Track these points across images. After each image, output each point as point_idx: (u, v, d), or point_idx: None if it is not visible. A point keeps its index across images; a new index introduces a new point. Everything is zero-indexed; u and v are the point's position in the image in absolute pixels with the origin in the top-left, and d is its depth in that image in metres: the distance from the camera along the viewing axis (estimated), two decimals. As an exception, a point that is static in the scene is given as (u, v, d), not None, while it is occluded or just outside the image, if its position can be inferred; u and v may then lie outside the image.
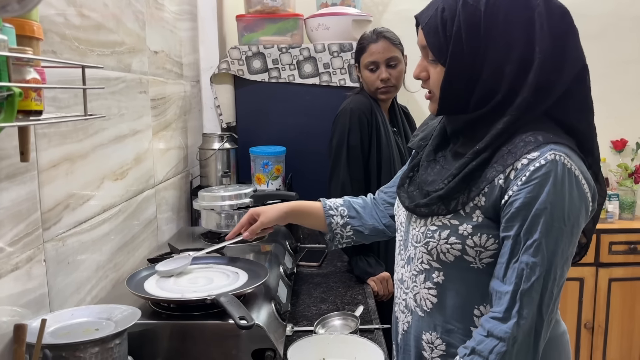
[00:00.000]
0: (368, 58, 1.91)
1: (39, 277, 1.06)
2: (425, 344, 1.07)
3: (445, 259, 1.01)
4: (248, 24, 2.34)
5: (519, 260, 0.91)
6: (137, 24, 1.60)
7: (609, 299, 2.78)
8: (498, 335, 0.91)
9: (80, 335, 0.93)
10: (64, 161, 1.16)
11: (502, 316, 0.91)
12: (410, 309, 1.10)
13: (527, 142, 0.93)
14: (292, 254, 1.83)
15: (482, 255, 0.98)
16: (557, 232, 0.89)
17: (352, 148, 1.88)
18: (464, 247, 0.98)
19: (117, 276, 1.43)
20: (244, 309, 1.07)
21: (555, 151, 0.90)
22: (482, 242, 0.97)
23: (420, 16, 1.03)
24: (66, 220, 1.17)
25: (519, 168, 0.92)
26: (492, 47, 0.94)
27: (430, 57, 1.01)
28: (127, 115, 1.51)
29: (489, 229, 0.96)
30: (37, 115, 0.80)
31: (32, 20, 0.83)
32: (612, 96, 2.97)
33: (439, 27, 0.97)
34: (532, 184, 0.90)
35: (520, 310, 0.90)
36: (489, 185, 0.95)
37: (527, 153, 0.92)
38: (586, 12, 2.90)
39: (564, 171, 0.89)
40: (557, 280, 0.91)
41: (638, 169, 2.99)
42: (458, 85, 0.98)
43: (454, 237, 0.99)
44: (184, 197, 2.10)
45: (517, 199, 0.91)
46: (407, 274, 1.11)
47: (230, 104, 2.40)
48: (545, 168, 0.89)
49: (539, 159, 0.90)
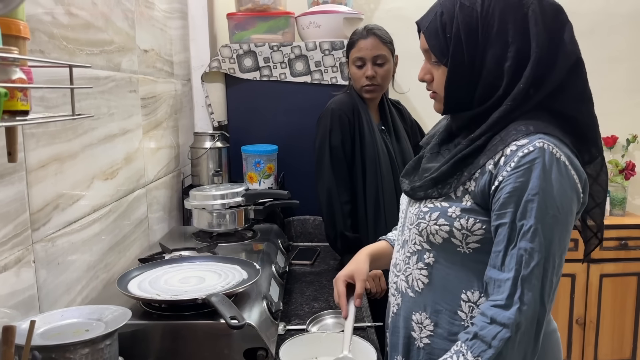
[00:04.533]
0: (356, 54, 1.91)
1: (28, 278, 1.05)
2: (415, 324, 1.09)
3: (434, 240, 1.04)
4: (239, 22, 2.33)
5: (517, 247, 0.92)
6: (126, 23, 1.59)
7: (600, 294, 2.79)
8: (501, 322, 0.91)
9: (70, 337, 0.93)
10: (52, 161, 1.15)
11: (504, 303, 0.91)
12: (401, 291, 1.13)
13: (518, 131, 0.96)
14: (284, 252, 1.83)
15: (469, 240, 1.00)
16: (552, 219, 0.91)
17: (334, 148, 1.88)
18: (451, 229, 1.01)
19: (108, 276, 1.42)
20: (235, 308, 1.07)
21: (544, 140, 0.93)
22: (469, 225, 0.99)
23: (421, 22, 1.07)
24: (56, 220, 1.16)
25: (507, 154, 0.94)
26: (490, 45, 0.99)
27: (433, 59, 1.06)
28: (116, 115, 1.50)
29: (476, 214, 0.99)
30: (23, 115, 0.79)
31: (18, 19, 0.82)
32: (603, 93, 2.96)
33: (439, 30, 1.02)
34: (522, 169, 0.92)
35: (522, 297, 0.90)
36: (479, 171, 0.99)
37: (516, 140, 0.95)
38: (576, 10, 2.89)
39: (552, 159, 0.92)
40: (555, 269, 0.92)
41: (628, 166, 3.01)
42: (460, 83, 1.03)
43: (442, 218, 1.02)
44: (175, 196, 2.10)
45: (507, 184, 0.93)
46: (401, 257, 1.14)
47: (221, 103, 2.39)
48: (533, 154, 0.92)
49: (528, 145, 0.93)
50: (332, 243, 1.93)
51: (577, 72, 1.00)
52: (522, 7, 0.98)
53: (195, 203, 1.80)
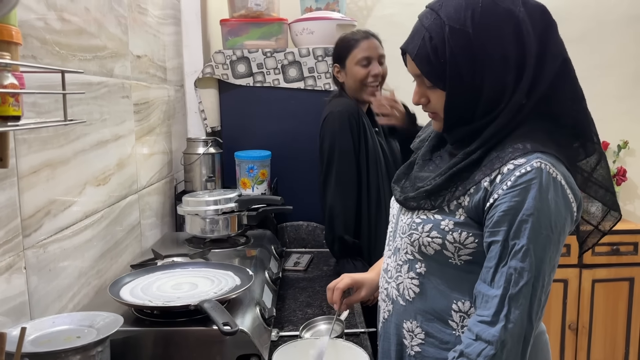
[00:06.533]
0: (361, 53, 1.91)
1: (19, 284, 1.04)
2: (406, 332, 1.09)
3: (426, 252, 1.04)
4: (232, 29, 2.34)
5: (508, 265, 0.92)
6: (119, 29, 1.59)
7: (593, 300, 2.80)
8: (486, 339, 0.91)
9: (61, 343, 0.92)
10: (44, 167, 1.15)
11: (490, 320, 0.92)
12: (392, 298, 1.13)
13: (515, 149, 0.95)
14: (277, 258, 1.82)
15: (461, 253, 1.00)
16: (545, 239, 0.91)
17: (343, 152, 1.85)
18: (444, 241, 1.00)
19: (100, 283, 1.41)
20: (228, 314, 1.07)
21: (541, 159, 0.92)
22: (462, 239, 0.99)
23: (407, 47, 1.03)
24: (47, 226, 1.15)
25: (504, 172, 0.94)
26: (488, 63, 0.96)
27: (428, 84, 1.03)
28: (109, 120, 1.50)
29: (469, 228, 0.99)
30: (15, 120, 0.79)
31: (10, 24, 0.82)
32: (594, 99, 2.95)
33: (431, 55, 0.98)
34: (518, 188, 0.91)
35: (508, 315, 0.91)
36: (474, 187, 0.98)
37: (514, 159, 0.94)
38: (567, 16, 2.93)
39: (549, 179, 0.91)
40: (544, 287, 0.93)
41: (620, 171, 3.03)
42: (461, 104, 1.00)
43: (435, 231, 1.01)
44: (168, 202, 2.09)
45: (502, 203, 0.93)
46: (393, 264, 1.13)
47: (214, 109, 2.39)
48: (531, 174, 0.91)
49: (525, 165, 0.92)
50: (330, 246, 1.92)
51: (566, 72, 1.00)
52: (512, 17, 0.96)
53: (188, 209, 1.79)
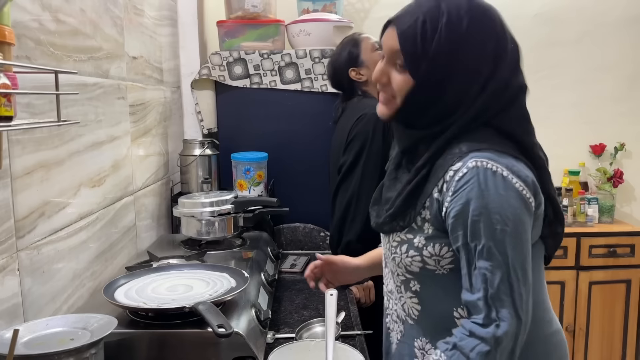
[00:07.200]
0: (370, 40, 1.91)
1: (13, 286, 1.03)
2: (417, 350, 1.08)
3: (412, 270, 1.04)
4: (229, 30, 2.33)
5: (477, 267, 0.92)
6: (115, 30, 1.58)
7: (590, 302, 2.80)
8: (480, 335, 0.91)
9: (54, 346, 0.91)
10: (38, 168, 1.14)
11: (482, 322, 0.92)
12: (402, 319, 1.12)
13: (453, 155, 0.96)
14: (274, 260, 1.82)
15: (442, 263, 1.00)
16: (501, 234, 0.90)
17: (372, 155, 1.82)
18: (422, 258, 1.01)
19: (95, 285, 1.41)
20: (223, 316, 1.06)
21: (476, 158, 0.93)
22: (437, 251, 0.99)
23: (397, 20, 1.00)
24: (41, 228, 1.15)
25: (447, 180, 0.95)
26: (464, 68, 0.95)
27: (400, 62, 0.99)
28: (104, 122, 1.49)
29: (440, 239, 0.99)
30: (7, 121, 0.78)
31: (4, 24, 0.82)
32: (591, 101, 3.01)
33: (418, 38, 0.95)
34: (459, 192, 0.93)
35: (498, 314, 0.91)
36: (429, 199, 0.98)
37: (452, 165, 0.95)
38: (564, 19, 2.94)
39: (486, 175, 0.91)
40: (521, 280, 0.91)
41: (616, 173, 3.04)
42: (422, 99, 0.99)
43: (412, 250, 1.02)
44: (164, 204, 2.08)
45: (452, 209, 0.94)
46: (393, 285, 1.13)
47: (211, 110, 2.38)
48: (467, 176, 0.92)
49: (462, 168, 0.93)
50: (333, 248, 1.90)
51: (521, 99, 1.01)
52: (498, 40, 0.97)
53: (184, 211, 1.79)
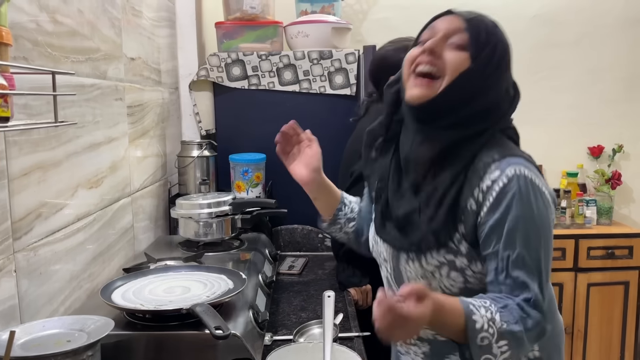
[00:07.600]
0: None
1: (9, 288, 1.03)
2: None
3: (449, 292, 1.03)
4: (227, 31, 2.33)
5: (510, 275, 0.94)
6: (113, 31, 1.58)
7: (588, 303, 2.80)
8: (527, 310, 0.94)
9: (51, 347, 0.91)
10: (36, 169, 1.14)
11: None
12: (427, 339, 1.11)
13: (486, 163, 0.97)
14: (272, 262, 1.82)
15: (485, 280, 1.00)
16: (536, 242, 0.94)
17: None
18: (465, 278, 1.01)
19: (92, 286, 1.40)
20: (220, 318, 1.06)
21: (514, 165, 0.95)
22: (479, 268, 1.00)
23: (459, 10, 1.03)
24: (38, 229, 1.14)
25: (485, 190, 0.96)
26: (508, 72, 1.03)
27: (458, 41, 0.99)
28: (102, 123, 1.49)
29: (478, 255, 0.99)
30: (4, 122, 0.78)
31: (1, 25, 0.82)
32: (589, 103, 3.01)
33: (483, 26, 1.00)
34: (500, 202, 0.94)
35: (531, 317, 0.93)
36: (464, 212, 0.99)
37: (489, 173, 0.96)
38: (563, 20, 2.95)
39: (527, 183, 0.94)
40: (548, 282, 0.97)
41: (615, 175, 3.04)
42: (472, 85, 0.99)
43: (453, 271, 1.01)
44: (161, 205, 2.08)
45: (490, 218, 0.95)
46: None
47: (209, 111, 2.38)
48: (509, 186, 0.94)
49: (502, 176, 0.95)
50: (336, 248, 1.89)
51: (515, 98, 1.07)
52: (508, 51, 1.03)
53: (182, 212, 1.78)
